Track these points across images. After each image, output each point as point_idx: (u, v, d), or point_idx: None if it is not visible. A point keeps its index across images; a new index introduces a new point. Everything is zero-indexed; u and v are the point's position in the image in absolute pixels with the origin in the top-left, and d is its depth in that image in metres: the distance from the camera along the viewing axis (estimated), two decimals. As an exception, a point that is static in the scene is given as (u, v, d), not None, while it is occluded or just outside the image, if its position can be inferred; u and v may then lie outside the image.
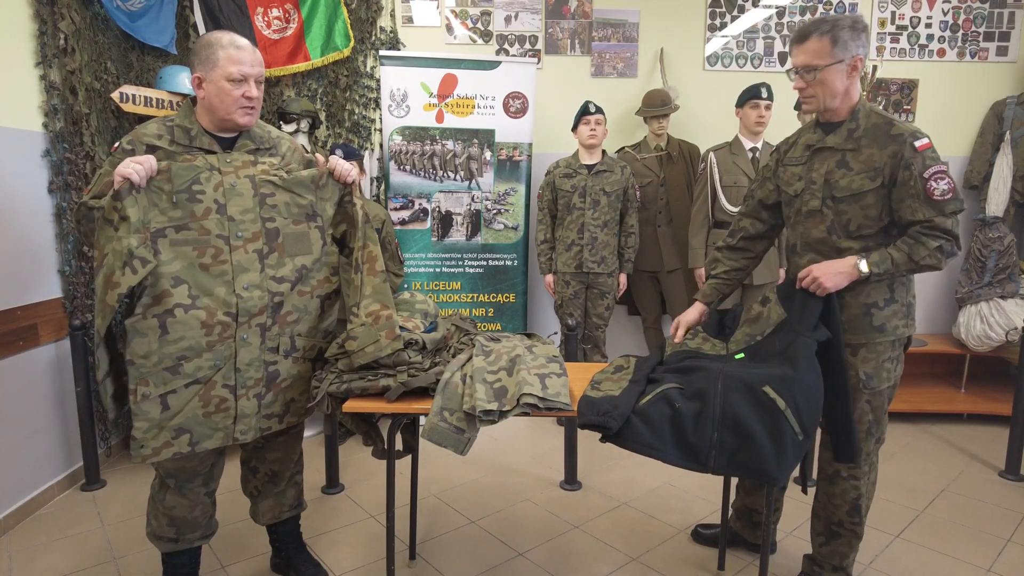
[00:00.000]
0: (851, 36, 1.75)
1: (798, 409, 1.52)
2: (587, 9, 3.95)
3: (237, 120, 1.73)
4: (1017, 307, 3.57)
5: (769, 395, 1.53)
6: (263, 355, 1.75)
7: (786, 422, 1.51)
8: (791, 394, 1.53)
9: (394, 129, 3.49)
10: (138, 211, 1.60)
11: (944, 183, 1.69)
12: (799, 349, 1.66)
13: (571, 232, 3.43)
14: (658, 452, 1.54)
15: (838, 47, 1.75)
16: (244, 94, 1.71)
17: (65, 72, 2.78)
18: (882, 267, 1.72)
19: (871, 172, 1.76)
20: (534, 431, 3.50)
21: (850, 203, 1.80)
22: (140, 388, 1.64)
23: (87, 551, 2.31)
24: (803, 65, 1.79)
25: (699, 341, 1.93)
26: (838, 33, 1.74)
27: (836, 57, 1.75)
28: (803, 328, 1.72)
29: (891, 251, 1.74)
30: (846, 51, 1.75)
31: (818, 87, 1.79)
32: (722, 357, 1.81)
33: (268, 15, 3.67)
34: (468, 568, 2.21)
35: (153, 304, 1.63)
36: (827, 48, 1.75)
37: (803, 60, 1.79)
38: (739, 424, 1.52)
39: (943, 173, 1.70)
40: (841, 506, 1.93)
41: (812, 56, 1.77)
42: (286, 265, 1.77)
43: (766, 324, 1.83)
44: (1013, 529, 2.50)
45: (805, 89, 1.82)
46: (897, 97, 4.04)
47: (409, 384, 1.64)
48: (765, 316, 1.84)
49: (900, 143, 1.73)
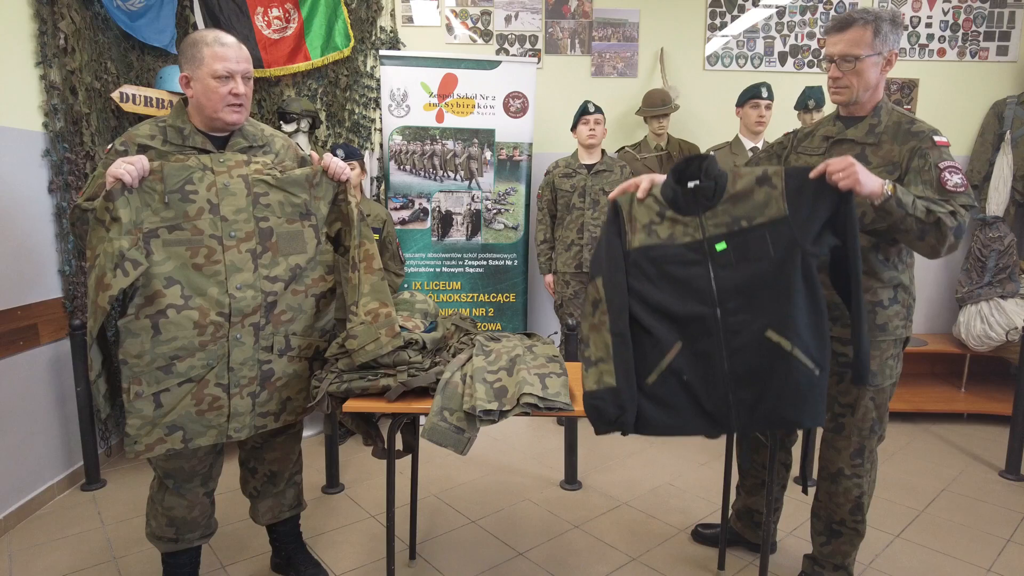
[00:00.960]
0: (891, 29, 1.74)
1: (806, 345, 1.47)
2: (587, 9, 3.95)
3: (225, 118, 1.73)
4: (1017, 307, 3.57)
5: (772, 340, 1.48)
6: (257, 354, 1.74)
7: (796, 362, 1.46)
8: (795, 331, 1.47)
9: (394, 129, 3.49)
10: (130, 212, 1.59)
11: (958, 177, 1.68)
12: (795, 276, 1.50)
13: (571, 232, 3.43)
14: (679, 430, 1.53)
15: (878, 39, 1.73)
16: (231, 91, 1.70)
17: (65, 72, 2.78)
18: (904, 199, 1.57)
19: (889, 167, 1.76)
20: (534, 431, 3.50)
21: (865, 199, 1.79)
22: (133, 387, 1.64)
23: (87, 551, 2.31)
24: (842, 54, 1.75)
25: (667, 227, 1.61)
26: (880, 25, 1.72)
27: (875, 49, 1.73)
28: (804, 237, 1.52)
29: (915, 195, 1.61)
30: (885, 44, 1.74)
31: (854, 77, 1.76)
32: (700, 247, 1.57)
33: (268, 15, 3.67)
34: (468, 568, 2.21)
35: (145, 304, 1.63)
36: (868, 39, 1.72)
37: (842, 49, 1.75)
38: (751, 377, 1.49)
39: (958, 169, 1.69)
40: (844, 504, 1.93)
41: (852, 45, 1.73)
42: (280, 264, 1.76)
43: (757, 210, 1.56)
44: (1013, 529, 2.50)
45: (840, 79, 1.78)
46: (897, 97, 4.04)
47: (409, 384, 1.64)
48: (760, 201, 1.56)
49: (920, 138, 1.73)
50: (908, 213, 1.58)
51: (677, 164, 1.65)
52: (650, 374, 1.54)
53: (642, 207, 1.65)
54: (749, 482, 2.24)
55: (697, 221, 1.59)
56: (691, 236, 1.59)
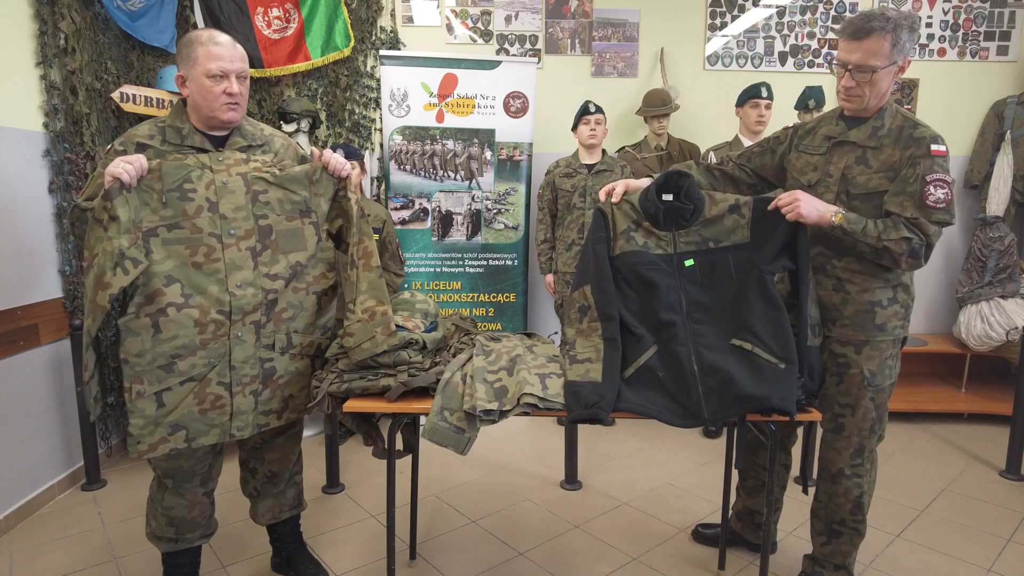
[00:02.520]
0: (908, 38, 1.69)
1: (767, 345, 1.61)
2: (587, 9, 3.95)
3: (220, 116, 1.73)
4: (1017, 307, 3.57)
5: (735, 344, 1.64)
6: (258, 352, 1.74)
7: (759, 358, 1.60)
8: (754, 335, 1.62)
9: (394, 129, 3.49)
10: (128, 211, 1.59)
11: (942, 191, 1.67)
12: (753, 289, 1.67)
13: (571, 232, 3.43)
14: (654, 414, 1.58)
15: (896, 49, 1.68)
16: (225, 90, 1.70)
17: (65, 72, 2.78)
18: (853, 225, 1.70)
19: (889, 172, 1.75)
20: (534, 431, 3.50)
21: (864, 200, 1.78)
22: (135, 386, 1.64)
23: (87, 551, 2.32)
24: (858, 64, 1.69)
25: (642, 235, 1.78)
26: (899, 34, 1.67)
27: (892, 59, 1.69)
28: (762, 259, 1.70)
29: (869, 221, 1.72)
30: (901, 54, 1.69)
31: (868, 87, 1.72)
32: (670, 260, 1.74)
33: (268, 15, 3.67)
34: (468, 568, 2.21)
35: (146, 303, 1.62)
36: (886, 50, 1.67)
37: (859, 59, 1.69)
38: (716, 368, 1.60)
39: (944, 183, 1.68)
40: (844, 504, 1.93)
41: (869, 56, 1.68)
42: (280, 262, 1.76)
43: (724, 234, 1.75)
44: (1013, 529, 2.50)
45: (853, 88, 1.73)
46: (897, 97, 4.04)
47: (409, 384, 1.64)
48: (729, 226, 1.75)
49: (919, 145, 1.71)
50: (858, 240, 1.72)
51: (657, 181, 1.78)
52: (628, 368, 1.65)
53: (619, 212, 1.82)
54: (749, 483, 2.24)
55: (671, 236, 1.77)
56: (663, 249, 1.76)
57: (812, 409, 1.63)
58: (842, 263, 1.83)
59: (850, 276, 1.82)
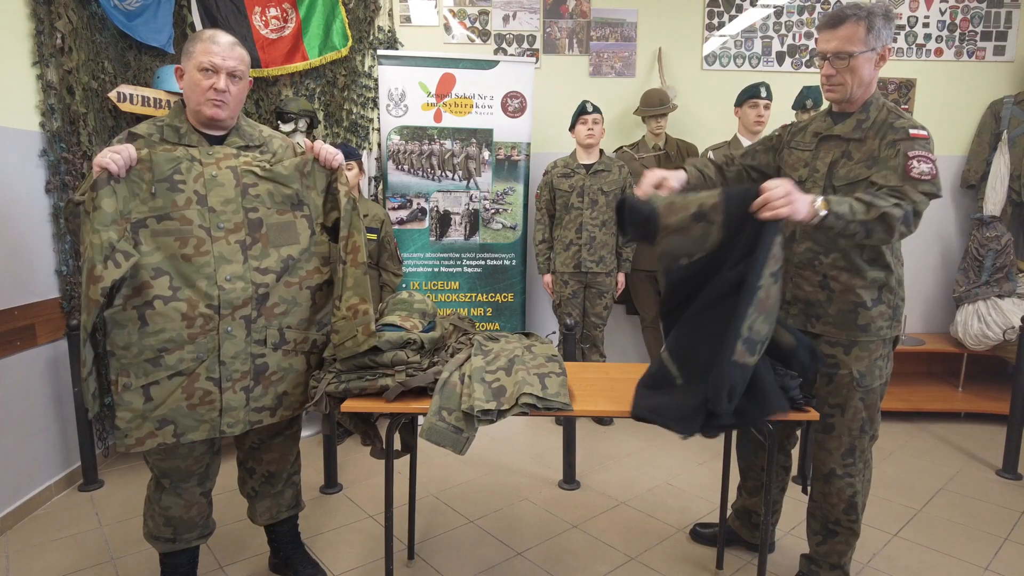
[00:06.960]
0: (884, 24, 1.72)
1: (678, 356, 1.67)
2: (585, 8, 3.95)
3: (204, 111, 1.72)
4: (1014, 306, 3.58)
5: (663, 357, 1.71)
6: (249, 348, 1.73)
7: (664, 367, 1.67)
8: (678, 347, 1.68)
9: (392, 129, 3.49)
10: (115, 201, 1.58)
11: (926, 165, 1.64)
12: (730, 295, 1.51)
13: (569, 232, 3.43)
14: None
15: (872, 35, 1.71)
16: (212, 85, 1.70)
17: (62, 71, 2.78)
18: (839, 208, 1.53)
19: (869, 162, 1.75)
20: (532, 431, 3.50)
21: (846, 192, 1.77)
22: (121, 379, 1.63)
23: (85, 551, 2.31)
24: (835, 51, 1.73)
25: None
26: (873, 20, 1.71)
27: (869, 45, 1.72)
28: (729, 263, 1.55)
29: (851, 199, 1.58)
30: (878, 40, 1.73)
31: (848, 74, 1.75)
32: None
33: (266, 14, 3.66)
34: (467, 568, 2.21)
35: (133, 295, 1.62)
36: (861, 35, 1.71)
37: (836, 46, 1.73)
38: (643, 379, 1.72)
39: (928, 159, 1.65)
40: (837, 504, 1.94)
41: (845, 42, 1.72)
42: (271, 256, 1.74)
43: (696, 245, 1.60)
44: (1010, 528, 2.51)
45: (833, 76, 1.77)
46: (894, 96, 4.05)
47: (407, 384, 1.63)
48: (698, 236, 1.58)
49: (897, 132, 1.72)
50: (849, 220, 1.55)
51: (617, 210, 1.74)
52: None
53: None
54: (751, 483, 2.24)
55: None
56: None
57: (810, 409, 1.62)
58: (829, 260, 1.82)
59: (836, 274, 1.82)
